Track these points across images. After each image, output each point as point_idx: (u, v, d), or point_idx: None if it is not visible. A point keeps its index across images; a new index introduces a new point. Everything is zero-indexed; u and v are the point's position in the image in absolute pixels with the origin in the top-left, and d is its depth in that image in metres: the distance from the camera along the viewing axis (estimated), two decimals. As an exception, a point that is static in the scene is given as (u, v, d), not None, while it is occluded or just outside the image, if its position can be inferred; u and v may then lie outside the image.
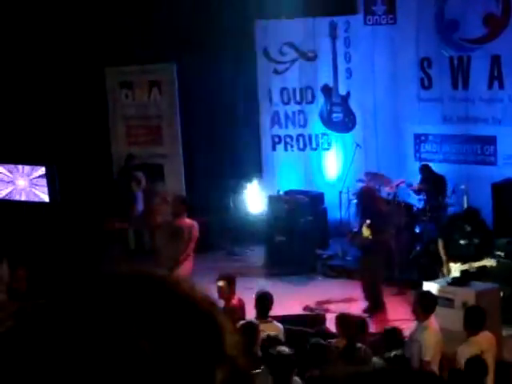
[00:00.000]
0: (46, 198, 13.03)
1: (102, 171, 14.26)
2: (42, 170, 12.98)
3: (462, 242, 10.01)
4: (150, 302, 1.04)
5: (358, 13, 13.83)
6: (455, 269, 9.95)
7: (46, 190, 12.97)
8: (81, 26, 14.06)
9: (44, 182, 12.98)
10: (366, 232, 10.60)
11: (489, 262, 9.82)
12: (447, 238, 10.22)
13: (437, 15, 13.05)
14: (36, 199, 13.19)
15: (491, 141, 12.78)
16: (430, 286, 9.58)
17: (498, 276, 10.27)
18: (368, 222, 10.60)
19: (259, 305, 8.34)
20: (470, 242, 10.00)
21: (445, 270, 10.13)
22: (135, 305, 1.03)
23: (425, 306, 8.03)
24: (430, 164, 12.83)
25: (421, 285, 9.95)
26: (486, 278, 10.05)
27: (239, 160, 14.58)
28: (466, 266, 9.88)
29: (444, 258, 10.14)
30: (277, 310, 9.29)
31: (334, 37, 14.03)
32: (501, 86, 12.59)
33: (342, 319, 7.95)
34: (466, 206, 11.57)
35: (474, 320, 7.76)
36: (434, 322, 8.05)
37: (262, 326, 7.70)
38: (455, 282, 9.47)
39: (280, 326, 8.24)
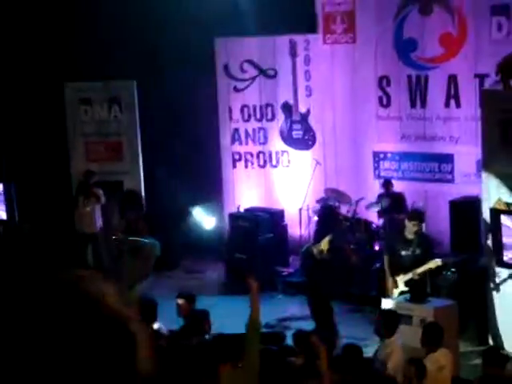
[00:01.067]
0: (4, 216, 12.89)
1: (61, 188, 14.14)
2: (-1, 188, 12.86)
3: (403, 253, 10.06)
4: (57, 307, 0.99)
5: (318, 31, 13.95)
6: (400, 281, 9.97)
7: (3, 206, 12.82)
8: (41, 40, 13.98)
9: (1, 198, 12.83)
10: (324, 245, 10.57)
11: (435, 264, 9.82)
12: (391, 252, 10.21)
13: (395, 34, 13.21)
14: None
15: (448, 159, 12.93)
16: (388, 303, 9.64)
17: (448, 291, 10.39)
18: (330, 236, 10.59)
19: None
20: (412, 253, 10.01)
21: (389, 286, 10.12)
22: (42, 311, 0.98)
23: (389, 325, 8.09)
24: (389, 181, 12.95)
25: (379, 302, 10.00)
26: (437, 292, 10.15)
27: (199, 177, 14.56)
28: (409, 276, 9.90)
29: (387, 272, 10.15)
30: (237, 327, 9.26)
31: (293, 55, 14.13)
32: (458, 105, 12.77)
33: (299, 337, 7.95)
34: (423, 223, 11.67)
35: (433, 336, 7.82)
36: (397, 340, 8.11)
37: None
38: (413, 298, 9.54)
39: None
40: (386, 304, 9.57)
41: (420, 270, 9.79)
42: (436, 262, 9.78)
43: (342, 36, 13.76)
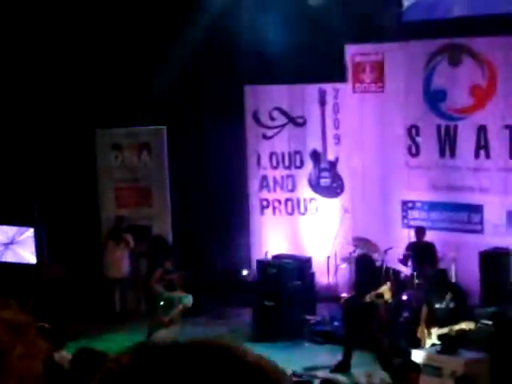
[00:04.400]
0: (33, 259, 12.97)
1: (91, 232, 14.24)
2: (30, 232, 12.94)
3: (437, 305, 10.02)
4: (219, 371, 1.05)
5: (347, 80, 14.07)
6: (433, 334, 9.94)
7: (33, 250, 12.91)
8: (72, 87, 14.19)
9: (32, 243, 12.93)
10: (387, 294, 10.64)
11: (468, 326, 9.79)
12: (429, 303, 10.26)
13: (424, 84, 13.29)
14: (23, 261, 13.13)
15: (478, 209, 12.90)
16: (418, 355, 9.58)
17: (481, 343, 10.30)
18: (389, 284, 10.71)
19: None
20: (446, 307, 10.00)
21: (420, 336, 10.13)
22: (204, 374, 1.05)
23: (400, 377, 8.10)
24: (418, 231, 12.92)
25: (409, 353, 9.94)
26: (469, 344, 10.07)
27: (227, 223, 14.62)
28: (445, 330, 9.85)
29: (423, 324, 10.14)
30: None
31: (322, 103, 14.24)
32: (487, 156, 12.78)
33: None
34: (453, 274, 11.64)
35: (465, 390, 7.75)
36: None
37: None
38: (443, 350, 9.47)
39: None
40: (417, 355, 9.51)
41: (455, 328, 9.76)
42: (469, 325, 9.78)
43: (371, 85, 13.86)
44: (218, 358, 1.07)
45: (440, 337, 9.84)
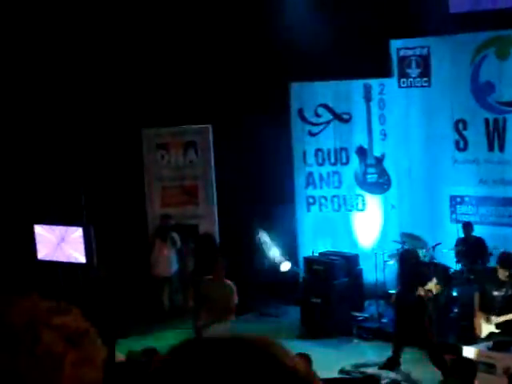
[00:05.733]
0: (83, 259, 13.11)
1: (138, 231, 14.35)
2: (79, 231, 13.08)
3: (496, 293, 9.86)
4: (252, 370, 1.05)
5: (393, 75, 13.95)
6: (492, 322, 9.79)
7: (82, 250, 13.04)
8: (118, 88, 14.31)
9: (81, 242, 13.06)
10: (434, 290, 10.57)
11: None
12: (482, 290, 10.11)
13: (472, 77, 13.12)
14: (73, 260, 13.27)
15: (527, 203, 12.72)
16: (470, 351, 9.44)
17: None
18: (435, 279, 10.64)
19: None
20: (506, 293, 9.83)
21: (476, 325, 9.99)
22: (237, 372, 1.04)
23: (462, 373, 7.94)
24: (467, 226, 12.76)
25: (458, 349, 9.81)
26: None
27: (274, 221, 14.60)
28: (503, 318, 9.68)
29: (477, 312, 10.00)
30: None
31: (368, 99, 14.15)
32: (537, 149, 12.58)
33: None
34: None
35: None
36: None
37: None
38: (496, 346, 9.32)
39: None
40: (468, 352, 9.37)
41: None
42: None
43: (417, 80, 13.73)
44: (253, 357, 1.06)
45: (499, 325, 9.69)
